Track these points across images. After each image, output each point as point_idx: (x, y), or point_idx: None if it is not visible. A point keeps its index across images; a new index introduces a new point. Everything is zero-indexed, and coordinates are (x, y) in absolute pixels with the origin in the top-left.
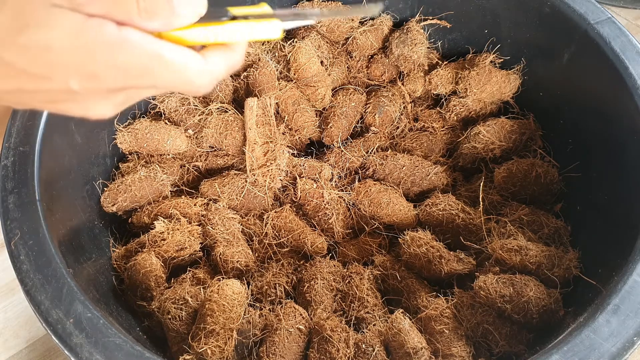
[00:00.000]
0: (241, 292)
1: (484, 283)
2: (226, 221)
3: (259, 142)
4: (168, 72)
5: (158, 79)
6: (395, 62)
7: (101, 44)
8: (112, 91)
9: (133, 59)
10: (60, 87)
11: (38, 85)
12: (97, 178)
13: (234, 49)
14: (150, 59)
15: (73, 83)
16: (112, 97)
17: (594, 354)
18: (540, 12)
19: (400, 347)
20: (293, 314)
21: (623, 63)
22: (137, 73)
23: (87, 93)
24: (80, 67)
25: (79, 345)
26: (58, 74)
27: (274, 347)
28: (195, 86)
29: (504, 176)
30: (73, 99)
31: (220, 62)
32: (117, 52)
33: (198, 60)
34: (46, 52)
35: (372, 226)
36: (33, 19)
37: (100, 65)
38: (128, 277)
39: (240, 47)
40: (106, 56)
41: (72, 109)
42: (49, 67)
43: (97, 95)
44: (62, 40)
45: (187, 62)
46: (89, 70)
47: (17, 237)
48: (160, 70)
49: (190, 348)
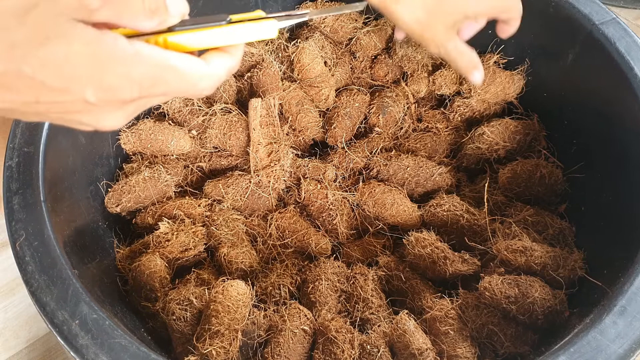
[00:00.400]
0: (246, 292)
1: (489, 284)
2: (230, 222)
3: (262, 143)
4: (176, 79)
5: (168, 87)
6: (399, 62)
7: (117, 57)
8: (126, 102)
9: (146, 70)
10: (77, 98)
11: (55, 97)
12: (101, 179)
13: (232, 51)
14: (161, 69)
15: (89, 95)
16: (125, 107)
17: (600, 356)
18: (545, 13)
19: (405, 348)
20: (298, 314)
21: (628, 64)
22: (150, 83)
23: (102, 104)
24: (96, 79)
25: (85, 347)
26: (75, 86)
27: (278, 348)
28: (199, 89)
29: (509, 177)
30: (88, 110)
31: (221, 64)
32: (131, 65)
33: (201, 65)
34: (65, 65)
35: (377, 227)
36: (53, 32)
37: (116, 78)
38: (132, 278)
39: (239, 49)
40: (121, 69)
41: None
42: (67, 79)
43: (111, 106)
44: (81, 53)
45: (191, 68)
46: (105, 83)
47: (22, 238)
48: (170, 78)
49: (195, 349)
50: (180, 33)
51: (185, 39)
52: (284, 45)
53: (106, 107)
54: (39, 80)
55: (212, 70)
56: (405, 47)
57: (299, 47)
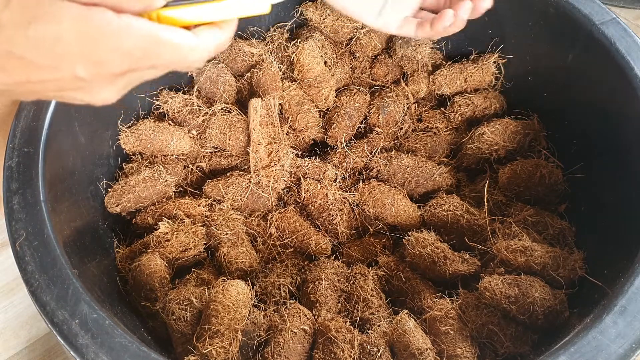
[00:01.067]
0: (246, 292)
1: (489, 284)
2: (230, 222)
3: (262, 143)
4: (166, 52)
5: (157, 59)
6: (399, 62)
7: (105, 31)
8: (116, 75)
9: (135, 43)
10: (68, 75)
11: (47, 75)
12: (101, 179)
13: (224, 26)
14: (149, 41)
15: (80, 70)
16: (116, 81)
17: (601, 355)
18: (545, 13)
19: (405, 348)
20: (298, 314)
21: (628, 64)
22: (139, 55)
23: (93, 79)
24: (86, 54)
25: (85, 346)
26: (66, 63)
27: (278, 347)
28: (189, 61)
29: (509, 177)
30: (79, 86)
31: (211, 37)
32: (120, 38)
33: (190, 38)
34: (54, 44)
35: (377, 227)
36: (39, 12)
37: (105, 52)
38: (132, 278)
39: (230, 24)
40: (110, 42)
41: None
42: (57, 57)
43: (102, 80)
44: (69, 30)
45: (181, 41)
46: (95, 57)
47: (22, 238)
48: (159, 51)
49: (195, 349)
50: (174, 8)
51: (178, 14)
52: (284, 45)
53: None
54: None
55: (201, 43)
56: (405, 47)
57: (299, 47)
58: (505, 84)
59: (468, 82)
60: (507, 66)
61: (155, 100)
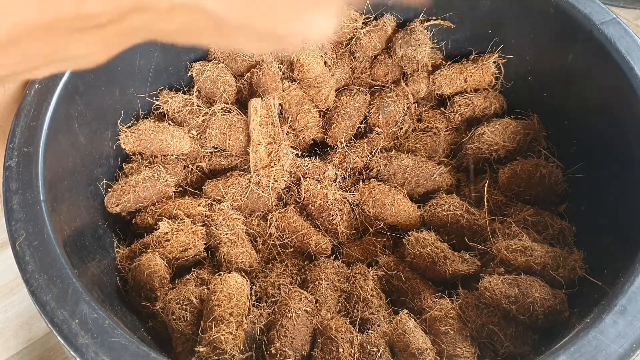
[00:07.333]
0: (244, 282)
1: (489, 284)
2: (230, 222)
3: (262, 143)
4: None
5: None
6: (399, 62)
7: None
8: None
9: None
10: None
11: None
12: (101, 179)
13: None
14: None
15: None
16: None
17: (601, 355)
18: (545, 13)
19: (405, 348)
20: (299, 297)
21: (628, 64)
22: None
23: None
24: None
25: (84, 346)
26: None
27: (284, 329)
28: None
29: (509, 177)
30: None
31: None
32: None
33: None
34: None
35: (376, 227)
36: None
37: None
38: (132, 278)
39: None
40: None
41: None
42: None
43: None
44: None
45: None
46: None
47: (22, 237)
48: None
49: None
50: None
51: None
52: None
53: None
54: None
55: None
56: (405, 47)
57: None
58: (505, 84)
59: (468, 82)
60: (507, 66)
61: (155, 100)
